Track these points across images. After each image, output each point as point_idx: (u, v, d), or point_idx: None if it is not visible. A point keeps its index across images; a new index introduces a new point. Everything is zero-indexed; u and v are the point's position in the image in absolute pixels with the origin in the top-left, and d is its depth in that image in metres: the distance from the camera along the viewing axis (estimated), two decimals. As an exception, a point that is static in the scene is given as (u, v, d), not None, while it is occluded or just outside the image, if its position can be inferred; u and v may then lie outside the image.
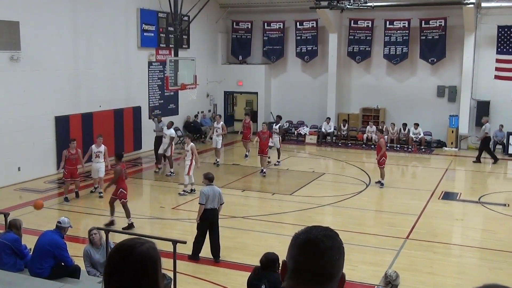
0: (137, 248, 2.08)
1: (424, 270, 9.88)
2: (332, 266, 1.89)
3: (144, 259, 2.07)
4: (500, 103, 21.85)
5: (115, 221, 12.05)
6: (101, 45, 18.59)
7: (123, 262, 2.07)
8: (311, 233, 1.92)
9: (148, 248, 2.10)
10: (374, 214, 14.00)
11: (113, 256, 2.12)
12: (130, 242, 2.14)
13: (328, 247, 1.89)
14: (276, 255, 6.56)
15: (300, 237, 1.93)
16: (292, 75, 25.55)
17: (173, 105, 22.80)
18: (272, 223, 12.66)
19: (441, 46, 22.36)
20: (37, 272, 7.82)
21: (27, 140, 15.93)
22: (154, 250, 2.13)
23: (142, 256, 2.07)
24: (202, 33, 24.17)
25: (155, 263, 2.11)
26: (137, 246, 2.10)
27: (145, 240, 2.16)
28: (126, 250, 2.10)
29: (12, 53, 15.32)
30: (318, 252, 1.88)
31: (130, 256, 2.07)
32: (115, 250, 2.15)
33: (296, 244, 1.92)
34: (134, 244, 2.11)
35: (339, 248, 1.92)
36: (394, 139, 22.58)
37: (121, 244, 2.15)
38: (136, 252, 2.07)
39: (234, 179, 17.13)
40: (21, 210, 12.88)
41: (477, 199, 14.92)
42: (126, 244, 2.13)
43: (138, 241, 2.14)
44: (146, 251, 2.09)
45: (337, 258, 1.90)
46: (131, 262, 2.06)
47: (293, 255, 1.92)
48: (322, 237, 1.91)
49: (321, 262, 1.87)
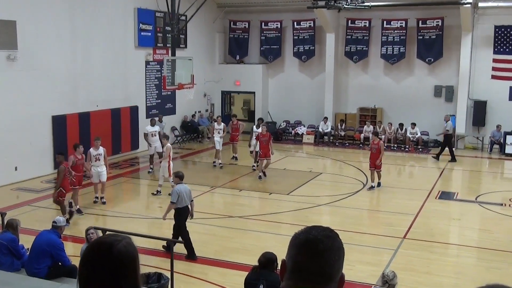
0: (115, 246, 1.96)
1: (421, 270, 9.88)
2: (331, 267, 1.87)
3: (122, 258, 1.96)
4: (497, 103, 21.90)
5: (73, 211, 12.27)
6: (98, 44, 18.56)
7: (100, 261, 1.96)
8: (310, 233, 1.91)
9: (125, 246, 1.99)
10: (371, 214, 14.01)
11: (89, 255, 2.01)
12: (108, 239, 2.02)
13: (327, 247, 1.87)
14: (275, 255, 6.57)
15: (299, 237, 1.92)
16: (290, 74, 25.55)
17: (171, 104, 22.79)
18: (270, 222, 12.65)
19: (438, 46, 22.40)
20: (34, 272, 7.81)
21: (24, 139, 15.89)
22: (131, 246, 2.01)
23: (120, 255, 1.96)
24: (200, 32, 24.16)
25: (133, 261, 2.00)
26: (115, 243, 1.97)
27: (121, 236, 2.04)
28: (103, 249, 1.98)
29: (9, 52, 15.29)
30: (317, 253, 1.86)
31: (108, 255, 1.95)
32: (90, 248, 2.02)
33: (295, 244, 1.91)
34: (111, 242, 1.98)
35: (338, 249, 1.91)
36: (392, 138, 22.61)
37: (97, 242, 2.05)
38: (114, 250, 1.96)
39: (231, 179, 17.13)
40: (18, 210, 12.87)
41: (474, 199, 14.95)
42: (103, 242, 2.02)
43: (115, 238, 2.02)
44: (124, 249, 1.97)
45: (336, 259, 1.88)
46: (109, 261, 1.95)
47: (292, 255, 1.91)
48: (321, 237, 1.89)
49: (320, 262, 1.86)
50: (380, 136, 22.45)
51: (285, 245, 1.94)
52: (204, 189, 15.58)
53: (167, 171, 14.49)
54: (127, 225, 12.22)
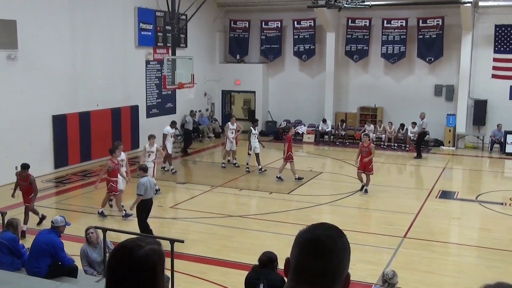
0: (135, 252, 1.96)
1: (421, 269, 9.88)
2: (334, 268, 1.83)
3: (141, 264, 1.95)
4: (497, 102, 21.89)
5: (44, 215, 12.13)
6: (99, 44, 18.56)
7: (120, 265, 1.97)
8: (313, 233, 1.86)
9: (147, 252, 1.96)
10: (372, 213, 14.00)
11: (112, 258, 2.03)
12: (130, 244, 2.02)
13: (329, 249, 1.82)
14: (275, 254, 6.56)
15: (302, 235, 1.87)
16: (290, 74, 25.54)
17: (171, 104, 22.78)
18: (270, 222, 12.65)
19: (438, 45, 22.38)
20: (34, 271, 7.81)
21: (24, 139, 15.88)
22: (154, 253, 1.98)
23: (139, 261, 1.95)
24: (200, 32, 24.16)
25: (153, 268, 1.97)
26: (136, 249, 1.96)
27: (146, 241, 2.02)
28: (124, 253, 1.99)
29: (9, 52, 15.28)
30: (319, 253, 1.82)
31: (127, 260, 1.96)
32: (114, 251, 2.04)
33: (298, 243, 1.87)
34: (133, 247, 1.98)
35: (343, 250, 1.86)
36: (392, 138, 22.60)
37: (120, 246, 2.05)
38: (134, 256, 1.95)
39: (231, 178, 17.12)
40: (18, 209, 12.85)
41: (475, 198, 14.95)
42: (125, 246, 2.02)
43: (138, 243, 2.00)
44: (144, 255, 1.95)
45: (340, 260, 1.84)
46: (128, 267, 1.95)
47: (294, 254, 1.87)
48: (324, 237, 1.84)
49: (323, 263, 1.81)
50: (378, 134, 22.58)
51: (285, 244, 1.94)
52: (204, 188, 15.59)
53: (152, 172, 14.38)
54: (127, 225, 12.21)
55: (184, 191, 15.51)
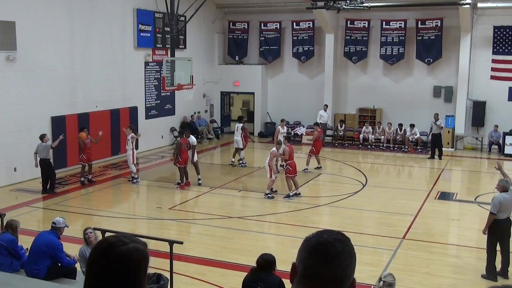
0: (117, 248, 1.93)
1: (420, 270, 9.89)
2: (342, 271, 1.84)
3: (122, 260, 1.91)
4: (496, 104, 21.92)
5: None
6: (98, 45, 18.55)
7: (100, 258, 1.94)
8: (321, 237, 1.88)
9: (129, 249, 1.93)
10: (371, 214, 13.99)
11: (93, 251, 2.00)
12: (113, 239, 1.99)
13: (339, 251, 1.84)
14: (273, 256, 6.56)
15: (310, 240, 1.89)
16: (289, 75, 25.56)
17: (170, 105, 22.78)
18: (269, 223, 12.65)
19: (437, 47, 22.41)
20: (34, 273, 7.80)
21: (23, 140, 15.88)
22: (137, 251, 1.94)
23: (120, 257, 1.91)
24: (199, 33, 24.17)
25: (134, 266, 1.93)
26: (118, 245, 1.93)
27: (131, 239, 1.98)
28: (105, 247, 1.95)
29: (8, 53, 15.27)
30: (328, 257, 1.84)
31: (107, 255, 1.92)
32: (97, 244, 2.01)
33: (306, 248, 1.88)
34: (114, 242, 1.95)
35: (350, 253, 1.88)
36: (391, 139, 22.62)
37: (104, 239, 2.02)
38: (115, 251, 1.92)
39: (230, 179, 17.12)
40: (17, 210, 12.86)
41: (473, 199, 14.96)
42: (107, 241, 1.99)
43: (122, 239, 1.97)
44: (126, 252, 1.92)
45: (347, 263, 1.85)
46: (108, 261, 1.92)
47: (302, 259, 1.88)
48: (333, 241, 1.86)
49: (331, 266, 1.83)
50: (377, 135, 22.62)
51: (284, 245, 1.96)
52: (203, 189, 15.60)
53: (131, 159, 16.06)
54: (127, 225, 12.22)
55: (184, 192, 15.51)
